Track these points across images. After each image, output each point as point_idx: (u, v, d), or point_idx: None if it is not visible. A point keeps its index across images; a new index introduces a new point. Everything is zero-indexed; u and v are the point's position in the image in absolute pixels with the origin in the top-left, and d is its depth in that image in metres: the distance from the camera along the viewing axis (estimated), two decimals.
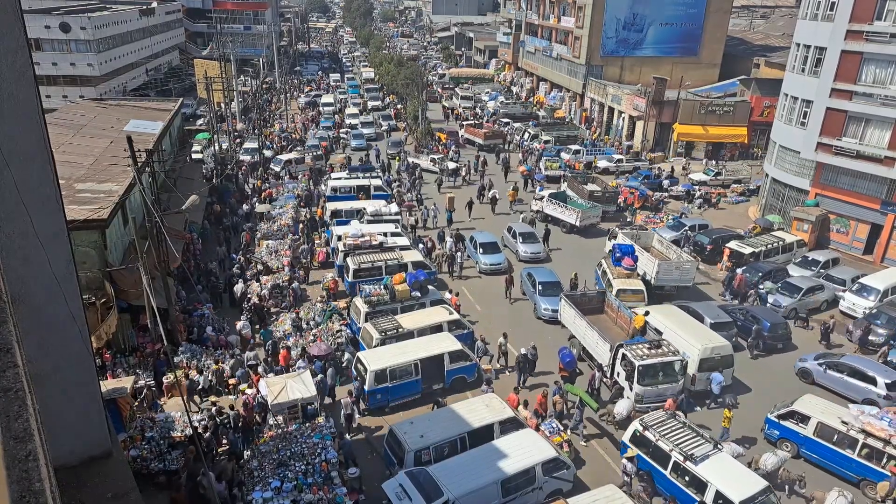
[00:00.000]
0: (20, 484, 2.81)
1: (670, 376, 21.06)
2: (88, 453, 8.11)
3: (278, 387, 18.95)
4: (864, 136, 33.09)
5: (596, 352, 23.01)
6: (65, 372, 7.68)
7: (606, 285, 28.13)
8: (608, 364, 22.11)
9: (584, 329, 23.84)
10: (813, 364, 23.25)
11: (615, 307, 25.46)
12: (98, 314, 19.82)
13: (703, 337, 22.76)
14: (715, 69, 61.34)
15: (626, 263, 28.00)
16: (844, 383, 22.25)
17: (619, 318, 25.07)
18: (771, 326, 25.28)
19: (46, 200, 7.12)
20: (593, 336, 23.22)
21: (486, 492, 15.65)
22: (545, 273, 29.12)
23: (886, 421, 17.80)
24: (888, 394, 21.16)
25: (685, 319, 24.17)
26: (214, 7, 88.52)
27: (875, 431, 17.66)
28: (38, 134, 6.89)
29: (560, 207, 36.81)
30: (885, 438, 17.47)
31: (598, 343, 22.85)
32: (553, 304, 26.59)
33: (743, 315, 26.26)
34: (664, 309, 25.28)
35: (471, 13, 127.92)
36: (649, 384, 20.82)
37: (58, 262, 7.16)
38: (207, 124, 51.99)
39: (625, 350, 21.46)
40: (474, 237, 32.88)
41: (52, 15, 60.06)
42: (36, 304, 7.18)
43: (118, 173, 24.08)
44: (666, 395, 20.73)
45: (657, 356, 21.10)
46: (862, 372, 21.98)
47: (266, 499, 15.19)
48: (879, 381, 21.42)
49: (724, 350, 22.30)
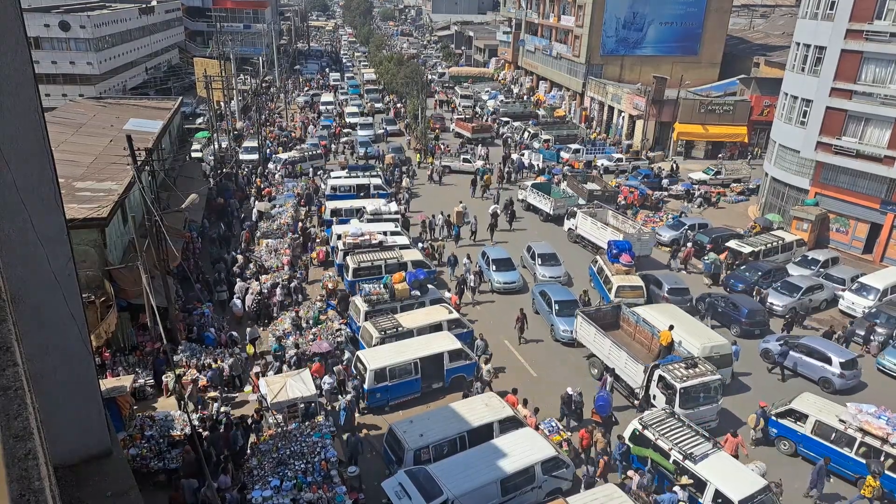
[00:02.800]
0: (20, 482, 2.82)
1: (710, 397, 19.81)
2: (88, 452, 8.12)
3: (278, 385, 18.97)
4: (863, 135, 33.09)
5: (625, 373, 21.21)
6: (64, 371, 7.68)
7: (604, 282, 28.20)
8: (641, 386, 20.56)
9: (607, 348, 22.06)
10: (774, 345, 24.05)
11: (632, 322, 23.78)
12: (98, 313, 19.82)
13: (702, 336, 22.60)
14: (715, 68, 61.35)
15: (625, 260, 27.87)
16: (802, 363, 23.22)
17: (638, 334, 23.49)
18: (748, 312, 26.06)
19: (46, 199, 7.12)
20: (620, 356, 21.48)
21: (486, 491, 15.64)
22: (560, 290, 26.96)
23: (884, 419, 17.82)
24: (842, 372, 22.22)
25: (683, 318, 23.85)
26: (214, 6, 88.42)
27: (872, 430, 17.72)
28: (38, 133, 6.89)
29: (539, 196, 38.40)
30: (883, 437, 17.50)
31: (628, 364, 21.11)
32: (571, 325, 24.73)
33: (724, 302, 27.00)
34: (662, 308, 25.05)
35: (471, 12, 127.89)
36: (691, 407, 19.37)
37: (57, 261, 7.16)
38: (207, 123, 51.98)
39: (662, 372, 19.89)
40: (486, 252, 30.68)
41: (52, 13, 60.04)
42: (35, 302, 7.18)
43: (118, 172, 24.08)
44: (706, 416, 19.52)
45: (697, 376, 19.63)
46: (819, 351, 22.91)
47: (266, 497, 15.20)
48: (834, 361, 22.42)
49: (724, 349, 22.25)
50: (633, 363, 20.93)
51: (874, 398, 22.32)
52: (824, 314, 28.51)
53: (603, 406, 19.87)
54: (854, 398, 21.53)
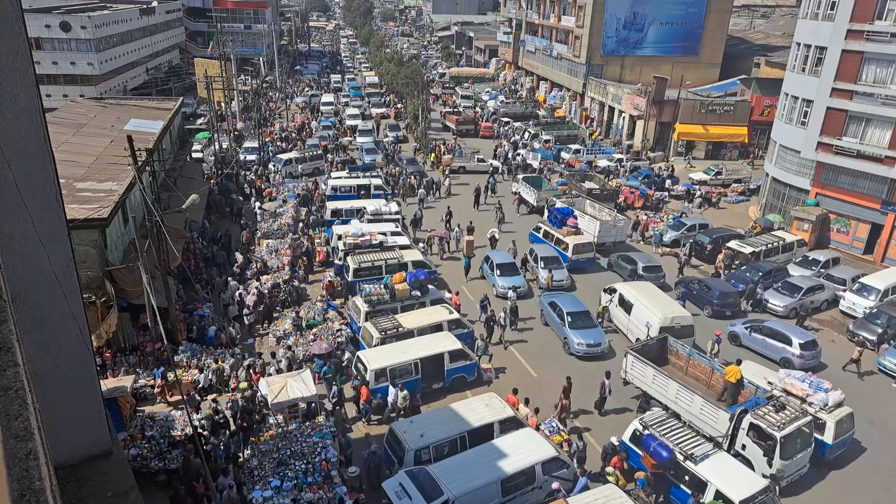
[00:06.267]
0: (20, 482, 2.82)
1: (805, 441, 17.86)
2: (88, 452, 8.12)
3: (278, 385, 18.98)
4: (864, 135, 33.08)
5: (701, 419, 18.55)
6: (65, 371, 7.69)
7: (556, 243, 31.36)
8: (725, 435, 17.98)
9: (673, 392, 19.44)
10: (740, 328, 25.45)
11: (682, 354, 21.67)
12: (98, 313, 19.83)
13: (665, 307, 24.24)
14: (715, 68, 61.34)
15: (572, 223, 32.03)
16: (765, 344, 24.43)
17: (692, 367, 21.36)
18: (720, 294, 27.61)
19: (47, 199, 7.12)
20: (693, 401, 18.79)
21: (486, 491, 15.63)
22: (571, 301, 25.92)
23: (807, 383, 19.57)
24: (801, 353, 23.33)
25: (653, 292, 25.67)
26: (215, 6, 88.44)
27: (795, 390, 19.43)
28: (39, 133, 6.90)
29: (527, 189, 39.77)
30: (802, 396, 19.21)
31: (705, 410, 18.46)
32: (587, 338, 24.02)
33: (698, 284, 28.68)
34: (637, 284, 26.89)
35: (471, 12, 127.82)
36: (790, 456, 17.32)
37: (58, 261, 7.16)
38: (208, 123, 52.01)
39: (754, 419, 17.67)
40: (490, 257, 30.12)
41: (53, 14, 60.06)
42: (36, 302, 7.18)
43: (118, 172, 24.08)
44: (800, 464, 17.75)
45: (793, 421, 17.59)
46: (781, 333, 24.10)
47: (266, 497, 15.20)
48: (794, 342, 23.61)
49: (686, 320, 23.79)
50: (712, 409, 18.35)
51: (874, 398, 22.37)
52: (825, 314, 28.50)
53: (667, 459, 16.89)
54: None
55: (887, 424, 21.08)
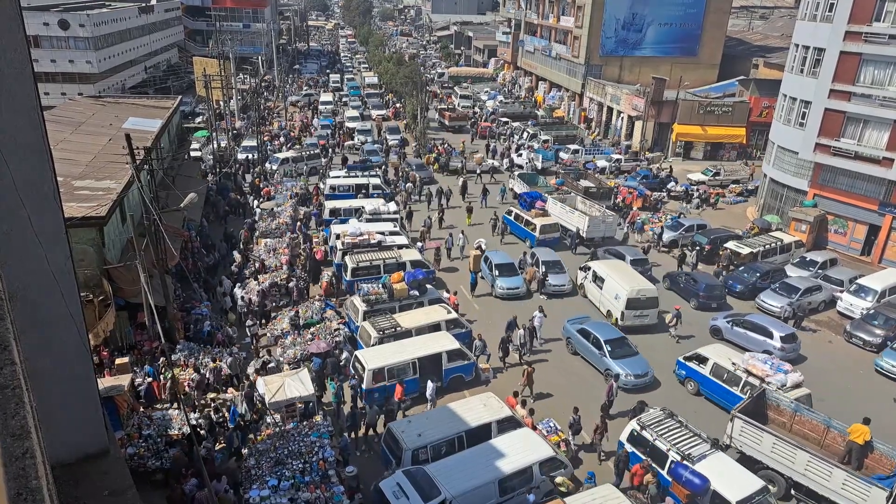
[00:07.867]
0: (17, 481, 2.82)
1: None
2: (85, 451, 8.10)
3: (276, 385, 18.96)
4: (862, 136, 33.13)
5: (842, 496, 15.96)
6: (62, 369, 7.67)
7: (525, 225, 34.04)
8: None
9: (803, 463, 16.75)
10: (722, 322, 25.93)
11: (786, 410, 19.26)
12: (96, 311, 19.80)
13: (632, 281, 26.17)
14: (714, 69, 61.40)
15: (539, 205, 34.98)
16: (747, 337, 24.82)
17: (797, 424, 19.03)
18: (706, 287, 28.49)
19: (45, 197, 7.11)
20: (833, 475, 16.07)
21: (484, 491, 15.64)
22: (605, 328, 24.13)
23: (768, 364, 20.60)
24: (783, 346, 23.77)
25: (623, 268, 27.82)
26: (214, 5, 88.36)
27: (756, 371, 20.53)
28: (37, 131, 6.89)
29: (522, 185, 41.20)
30: (762, 377, 20.24)
31: (849, 485, 15.74)
32: (634, 369, 22.21)
33: (684, 277, 29.75)
34: (609, 262, 28.98)
35: (470, 12, 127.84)
36: None
37: (56, 260, 7.15)
38: (206, 122, 51.95)
39: None
40: (489, 257, 29.76)
41: (51, 12, 59.98)
42: (34, 301, 7.17)
43: (116, 171, 24.05)
44: None
45: None
46: (762, 327, 24.58)
47: (263, 497, 15.18)
48: (775, 335, 24.07)
49: (650, 293, 25.70)
50: (860, 484, 15.55)
51: (873, 398, 22.38)
52: (822, 315, 28.55)
53: (696, 485, 15.83)
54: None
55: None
